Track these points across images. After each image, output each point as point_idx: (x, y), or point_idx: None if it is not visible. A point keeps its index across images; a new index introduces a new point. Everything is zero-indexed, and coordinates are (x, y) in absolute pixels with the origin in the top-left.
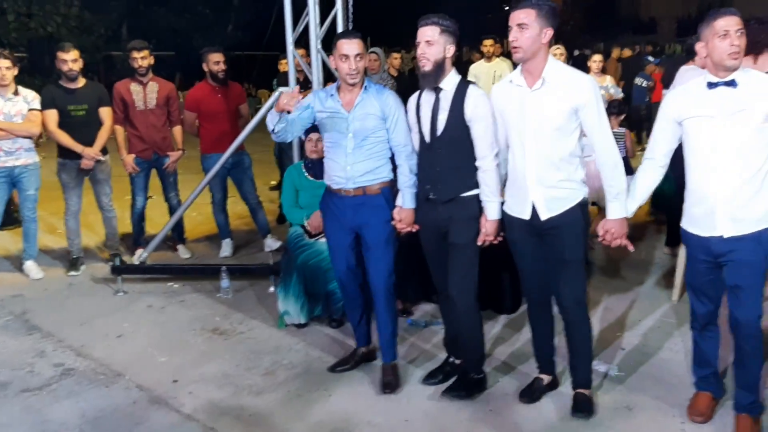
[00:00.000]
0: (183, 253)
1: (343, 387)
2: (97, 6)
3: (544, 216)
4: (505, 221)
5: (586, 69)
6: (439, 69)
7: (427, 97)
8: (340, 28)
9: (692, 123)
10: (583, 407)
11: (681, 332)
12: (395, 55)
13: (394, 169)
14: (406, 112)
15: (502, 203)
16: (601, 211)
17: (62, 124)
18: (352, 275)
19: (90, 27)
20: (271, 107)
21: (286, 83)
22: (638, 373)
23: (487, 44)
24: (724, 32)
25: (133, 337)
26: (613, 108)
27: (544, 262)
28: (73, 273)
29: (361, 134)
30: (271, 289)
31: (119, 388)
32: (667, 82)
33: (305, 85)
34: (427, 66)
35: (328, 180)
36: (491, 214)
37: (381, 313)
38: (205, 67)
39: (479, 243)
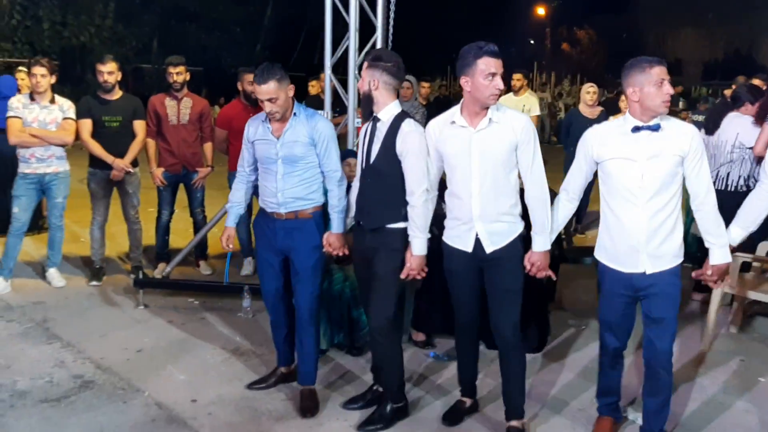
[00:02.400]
0: (204, 269)
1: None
2: (130, 19)
3: (489, 249)
4: (445, 252)
5: (616, 110)
6: (368, 100)
7: (368, 127)
8: None
9: (613, 164)
10: None
11: (711, 379)
12: (424, 84)
13: None
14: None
15: (436, 237)
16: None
17: (96, 135)
18: (278, 296)
19: (122, 39)
20: None
21: (315, 105)
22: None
23: (516, 78)
24: (660, 80)
25: (153, 352)
26: None
27: (478, 292)
28: (94, 283)
29: (289, 160)
30: None
31: (138, 404)
32: (711, 128)
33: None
34: (361, 95)
35: (261, 203)
36: (416, 249)
37: (303, 337)
38: (239, 86)
39: (402, 277)
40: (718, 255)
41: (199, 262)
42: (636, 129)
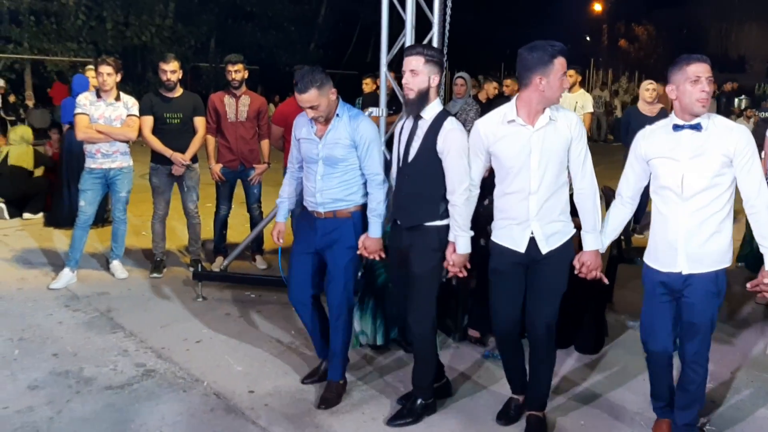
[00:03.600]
0: (260, 263)
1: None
2: (189, 19)
3: (544, 250)
4: (494, 251)
5: None
6: (422, 98)
7: (408, 124)
8: None
9: (658, 163)
10: (535, 430)
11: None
12: (494, 83)
13: None
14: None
15: (483, 238)
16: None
17: (157, 131)
18: (305, 294)
19: (181, 38)
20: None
21: (370, 103)
22: (733, 430)
23: (569, 74)
24: (696, 78)
25: (211, 343)
26: None
27: (522, 293)
28: (155, 275)
29: (329, 161)
30: None
31: (197, 393)
32: None
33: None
34: (410, 95)
35: (304, 201)
36: (460, 247)
37: (332, 335)
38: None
39: (444, 270)
40: None
41: (255, 257)
42: (677, 128)
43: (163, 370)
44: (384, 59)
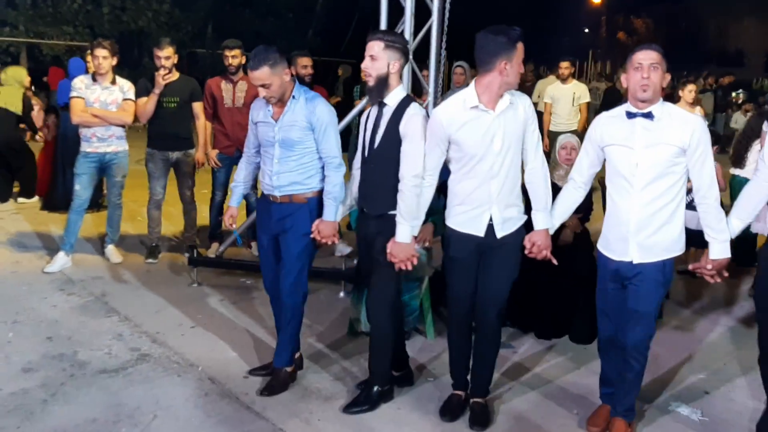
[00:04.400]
0: (256, 250)
1: (409, 403)
2: (186, 4)
3: (499, 234)
4: (451, 239)
5: (674, 99)
6: (381, 84)
7: (373, 112)
8: (433, 40)
9: (612, 150)
10: (479, 418)
11: None
12: None
13: None
14: None
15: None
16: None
17: (154, 114)
18: (274, 282)
19: (178, 24)
20: (352, 120)
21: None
22: (724, 421)
23: (564, 66)
24: (638, 65)
25: (206, 329)
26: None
27: (476, 282)
28: (150, 260)
29: (286, 144)
30: (341, 294)
31: (192, 378)
32: None
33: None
34: (370, 81)
35: (261, 185)
36: (399, 235)
37: (283, 319)
38: (292, 71)
39: (385, 262)
40: (718, 249)
41: (251, 243)
42: (630, 115)
43: (157, 355)
44: None
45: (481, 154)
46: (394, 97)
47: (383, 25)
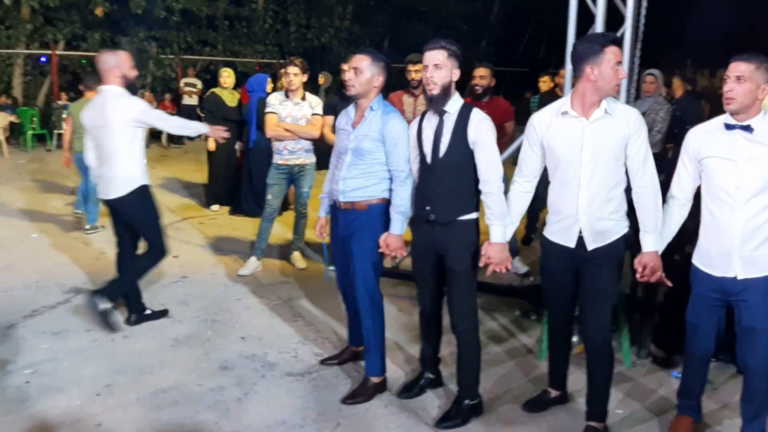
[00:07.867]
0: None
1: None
2: (365, 20)
3: (590, 246)
4: (544, 249)
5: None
6: (445, 93)
7: (431, 120)
8: (627, 47)
9: (711, 163)
10: None
11: None
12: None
13: None
14: None
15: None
16: None
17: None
18: (344, 280)
19: (357, 39)
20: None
21: (547, 101)
22: None
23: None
24: (726, 76)
25: (388, 340)
26: None
27: (574, 293)
28: (331, 268)
29: (357, 152)
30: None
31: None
32: None
33: None
34: (435, 90)
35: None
36: (494, 236)
37: (363, 328)
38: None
39: (481, 265)
40: None
41: None
42: (728, 127)
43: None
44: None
45: (570, 161)
46: (453, 104)
47: (572, 32)
